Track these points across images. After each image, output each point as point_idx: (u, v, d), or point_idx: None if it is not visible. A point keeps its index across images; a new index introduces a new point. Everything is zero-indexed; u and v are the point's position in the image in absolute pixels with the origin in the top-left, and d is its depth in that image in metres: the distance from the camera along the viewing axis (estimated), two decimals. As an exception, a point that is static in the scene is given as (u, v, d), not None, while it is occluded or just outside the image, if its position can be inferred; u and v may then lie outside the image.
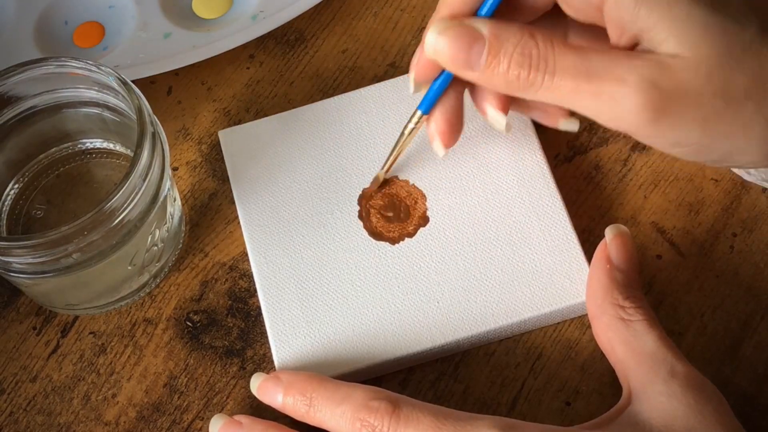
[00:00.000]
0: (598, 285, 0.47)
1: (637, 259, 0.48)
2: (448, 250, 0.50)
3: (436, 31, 0.43)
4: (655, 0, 0.40)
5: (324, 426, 0.44)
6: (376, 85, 0.55)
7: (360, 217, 0.52)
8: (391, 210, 0.52)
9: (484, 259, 0.50)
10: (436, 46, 0.43)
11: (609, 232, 0.48)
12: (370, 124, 0.54)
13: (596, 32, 0.44)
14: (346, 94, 0.55)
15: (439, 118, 0.48)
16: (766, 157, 0.42)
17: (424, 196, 0.52)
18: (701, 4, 0.40)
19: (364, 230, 0.51)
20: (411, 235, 0.51)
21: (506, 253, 0.50)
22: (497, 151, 0.52)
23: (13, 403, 0.50)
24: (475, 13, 0.44)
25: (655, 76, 0.40)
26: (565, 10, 0.44)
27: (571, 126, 0.49)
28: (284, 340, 0.49)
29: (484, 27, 0.42)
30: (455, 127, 0.48)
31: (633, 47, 0.42)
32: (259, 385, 0.46)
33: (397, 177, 0.52)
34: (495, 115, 0.47)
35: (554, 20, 0.47)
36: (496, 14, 0.44)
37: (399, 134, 0.50)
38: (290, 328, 0.49)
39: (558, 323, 0.50)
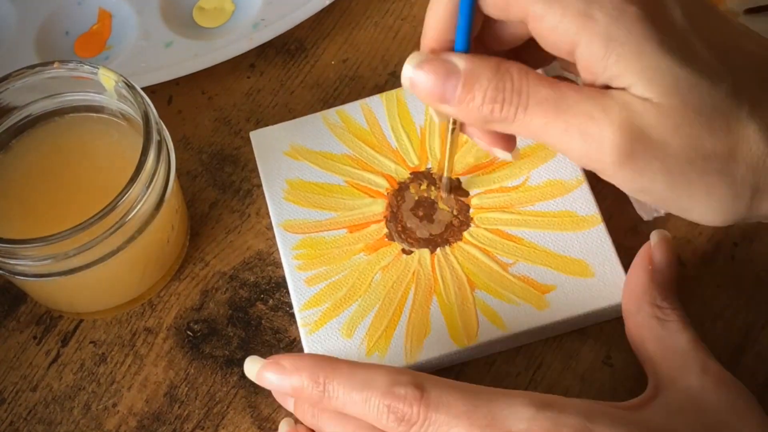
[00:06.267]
0: (638, 283, 0.47)
1: (677, 267, 0.48)
2: (479, 253, 0.50)
3: (412, 64, 0.42)
4: (624, 48, 0.39)
5: (344, 412, 0.42)
6: None
7: (390, 217, 0.52)
8: (423, 212, 0.52)
9: (514, 263, 0.50)
10: (414, 78, 0.42)
11: (654, 236, 0.48)
12: (400, 126, 0.54)
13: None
14: (378, 95, 0.55)
15: (483, 135, 0.46)
16: (724, 222, 0.41)
17: (459, 199, 0.52)
18: (671, 55, 0.38)
19: (395, 231, 0.51)
20: (442, 238, 0.51)
21: (541, 258, 0.50)
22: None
23: (13, 412, 0.49)
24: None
25: (624, 116, 0.39)
26: (541, 45, 0.42)
27: (504, 156, 0.47)
28: (314, 338, 0.49)
29: (460, 61, 0.41)
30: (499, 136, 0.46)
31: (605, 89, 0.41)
32: (258, 373, 0.44)
33: (434, 177, 0.53)
34: (501, 155, 0.46)
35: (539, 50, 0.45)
36: (476, 45, 0.43)
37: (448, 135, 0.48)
38: (319, 331, 0.49)
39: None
